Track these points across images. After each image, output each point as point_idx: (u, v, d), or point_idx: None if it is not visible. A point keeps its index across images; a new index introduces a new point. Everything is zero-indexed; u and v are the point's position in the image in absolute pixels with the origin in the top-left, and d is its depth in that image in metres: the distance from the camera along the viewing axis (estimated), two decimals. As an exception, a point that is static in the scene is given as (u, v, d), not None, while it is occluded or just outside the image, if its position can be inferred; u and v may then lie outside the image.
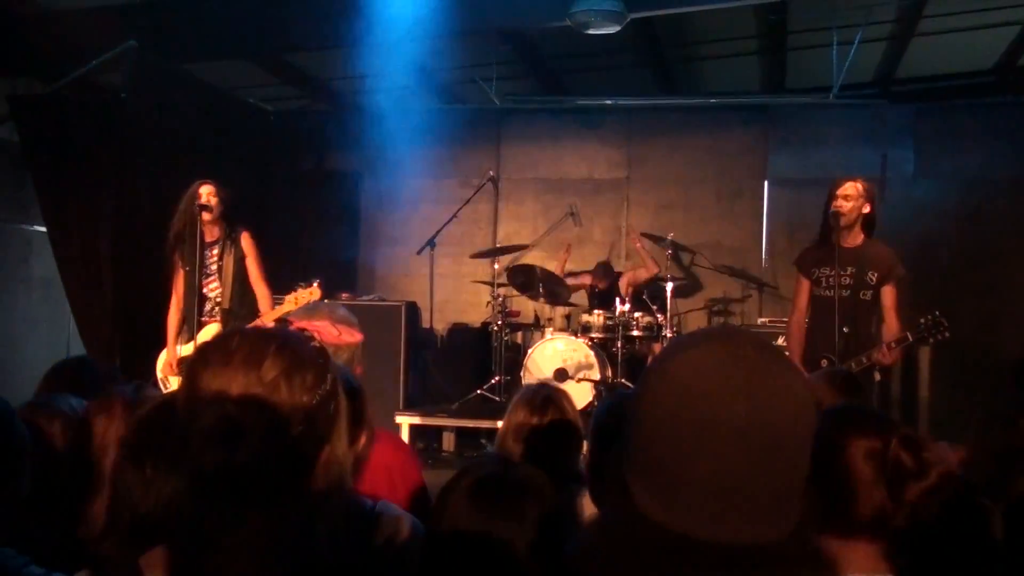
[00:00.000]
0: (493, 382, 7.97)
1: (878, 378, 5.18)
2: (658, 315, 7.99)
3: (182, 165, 7.99)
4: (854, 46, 7.76)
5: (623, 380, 7.70)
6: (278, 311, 5.45)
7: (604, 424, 2.34)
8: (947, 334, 4.80)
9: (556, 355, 7.84)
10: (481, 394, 7.96)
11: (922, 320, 4.82)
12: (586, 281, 8.91)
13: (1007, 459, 2.25)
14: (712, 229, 9.54)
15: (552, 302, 8.57)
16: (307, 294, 5.38)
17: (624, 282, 8.78)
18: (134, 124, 7.60)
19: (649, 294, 8.45)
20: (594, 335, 8.04)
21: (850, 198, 4.94)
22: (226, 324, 5.73)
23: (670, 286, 7.87)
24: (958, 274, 8.62)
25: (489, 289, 8.34)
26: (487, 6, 7.64)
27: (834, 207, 4.94)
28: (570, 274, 9.11)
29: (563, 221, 9.81)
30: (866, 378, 4.94)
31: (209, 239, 5.85)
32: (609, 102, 9.61)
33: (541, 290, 8.32)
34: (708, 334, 1.18)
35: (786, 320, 6.08)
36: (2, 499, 1.90)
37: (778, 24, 7.85)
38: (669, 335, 7.81)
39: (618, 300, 8.04)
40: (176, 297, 5.92)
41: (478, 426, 7.74)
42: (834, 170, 8.96)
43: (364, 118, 10.40)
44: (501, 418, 3.07)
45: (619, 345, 7.86)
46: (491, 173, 9.19)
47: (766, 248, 9.43)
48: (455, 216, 8.83)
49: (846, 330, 4.85)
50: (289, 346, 1.27)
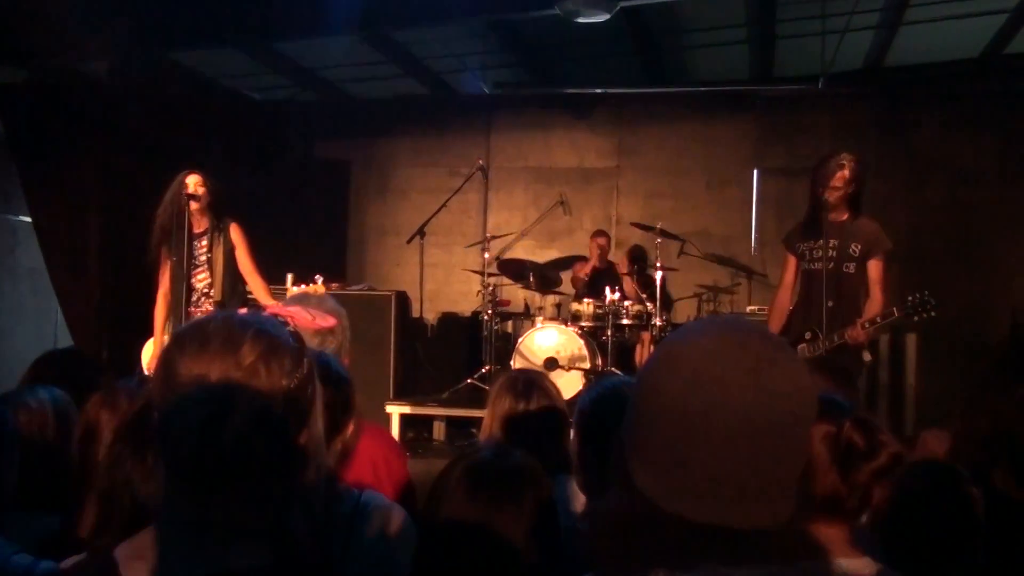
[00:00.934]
0: (483, 371, 7.97)
1: (868, 358, 5.16)
2: (648, 304, 8.01)
3: (168, 154, 7.95)
4: (843, 35, 7.76)
5: (613, 368, 7.71)
6: (269, 300, 5.45)
7: (590, 413, 2.34)
8: (934, 313, 4.75)
9: (546, 344, 7.84)
10: (472, 383, 7.96)
11: (910, 297, 4.79)
12: (586, 270, 8.87)
13: (991, 444, 2.26)
14: (701, 217, 9.56)
15: (543, 289, 8.57)
16: (311, 291, 5.38)
17: (626, 282, 8.75)
18: (120, 113, 7.57)
19: (639, 283, 8.45)
20: (584, 324, 8.05)
21: (839, 189, 4.89)
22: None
23: (659, 275, 7.88)
24: (944, 261, 8.66)
25: (479, 278, 8.33)
26: (476, -6, 7.61)
27: (825, 196, 4.89)
28: (564, 260, 9.08)
29: (553, 210, 9.80)
30: (855, 359, 4.94)
31: (197, 230, 5.80)
32: (599, 91, 9.60)
33: (531, 279, 8.33)
34: (716, 323, 1.21)
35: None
36: None
37: (767, 12, 7.84)
38: (659, 324, 7.81)
39: (608, 289, 8.04)
40: (162, 289, 5.85)
41: (469, 415, 7.73)
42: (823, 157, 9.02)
43: (353, 107, 10.39)
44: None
45: (609, 334, 7.87)
46: (481, 162, 9.17)
47: (755, 236, 9.45)
48: (444, 205, 8.82)
49: (830, 303, 4.83)
50: (266, 331, 1.27)
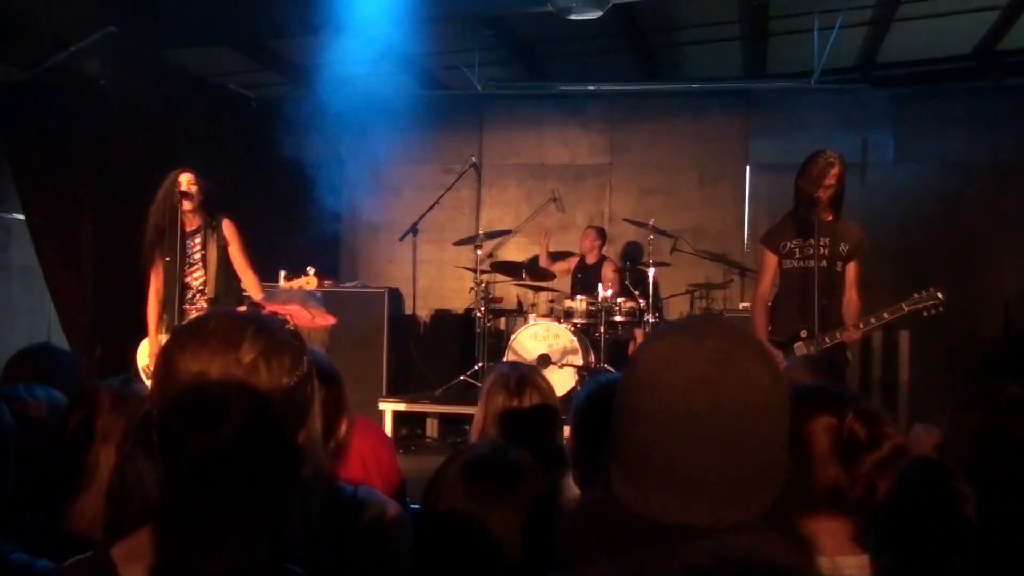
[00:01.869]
0: (476, 368, 7.97)
1: (849, 357, 5.21)
2: (640, 300, 8.02)
3: (162, 152, 7.93)
4: (835, 31, 7.78)
5: (606, 365, 7.72)
6: (259, 295, 5.44)
7: (584, 410, 2.34)
8: (941, 309, 4.78)
9: (539, 341, 7.86)
10: (464, 380, 7.97)
11: (917, 294, 4.81)
12: (571, 264, 8.89)
13: (983, 440, 2.27)
14: (694, 214, 9.57)
15: (536, 278, 8.57)
16: (303, 283, 5.37)
17: (607, 270, 8.75)
18: (113, 111, 7.55)
19: (632, 280, 8.47)
20: (577, 320, 8.06)
21: (832, 187, 4.87)
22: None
23: (652, 271, 7.89)
24: (938, 257, 8.67)
25: (472, 275, 8.34)
26: (469, -9, 7.61)
27: (818, 194, 4.83)
28: (556, 255, 9.12)
29: (546, 207, 9.81)
30: (843, 356, 4.97)
31: (190, 228, 5.80)
32: (592, 88, 9.61)
33: (524, 275, 8.36)
34: (677, 326, 1.23)
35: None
36: None
37: (760, 9, 7.85)
38: (651, 320, 7.83)
39: (600, 286, 8.05)
40: (154, 287, 5.84)
41: (462, 412, 7.74)
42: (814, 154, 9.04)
43: (345, 104, 10.36)
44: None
45: (602, 330, 7.88)
46: (473, 159, 9.18)
47: (748, 233, 9.46)
48: (437, 202, 8.83)
49: (824, 302, 4.82)
50: (266, 329, 1.27)
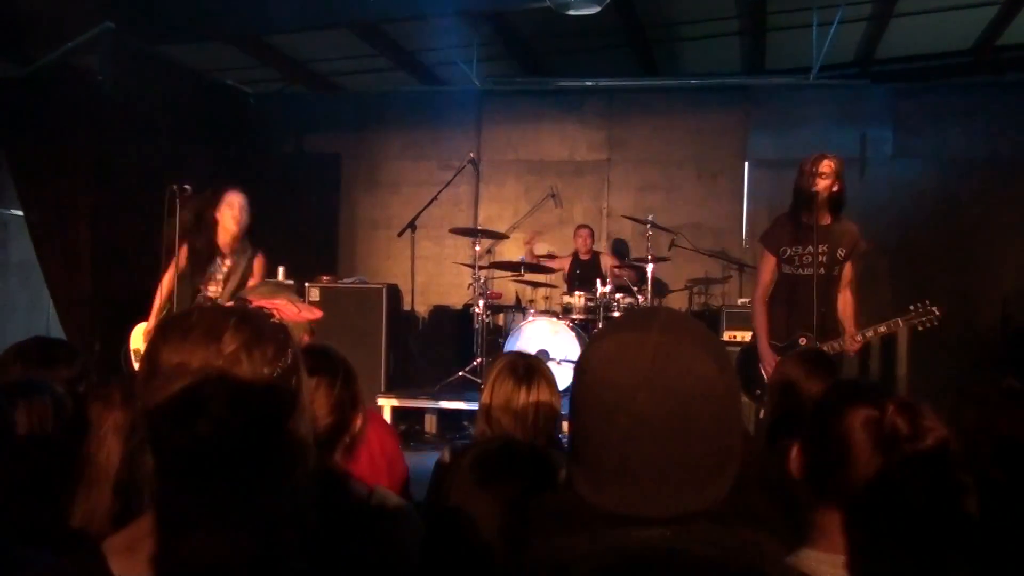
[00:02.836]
0: (475, 364, 7.98)
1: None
2: (639, 296, 8.02)
3: (160, 148, 7.95)
4: (834, 26, 7.78)
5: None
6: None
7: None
8: (936, 323, 4.78)
9: (537, 337, 7.86)
10: (463, 376, 7.97)
11: (912, 307, 4.80)
12: (564, 265, 8.91)
13: (979, 435, 2.27)
14: (693, 210, 9.57)
15: (534, 272, 8.59)
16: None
17: (606, 262, 8.77)
18: (111, 107, 7.55)
19: (631, 271, 8.47)
20: (575, 316, 8.06)
21: (827, 176, 4.82)
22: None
23: (651, 267, 7.88)
24: (936, 252, 8.69)
25: (470, 271, 8.34)
26: (467, -13, 7.60)
27: (815, 187, 4.80)
28: (548, 257, 9.13)
29: (544, 203, 9.81)
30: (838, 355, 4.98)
31: (223, 245, 5.78)
32: (590, 83, 9.60)
33: (522, 272, 8.37)
34: (621, 323, 1.25)
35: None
36: None
37: (758, 4, 7.85)
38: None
39: (599, 281, 8.05)
40: (171, 275, 5.69)
41: (460, 408, 7.74)
42: (814, 150, 9.01)
43: (344, 100, 10.37)
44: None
45: (600, 326, 7.87)
46: (471, 155, 9.17)
47: (746, 229, 9.46)
48: (435, 198, 8.81)
49: (822, 309, 4.81)
50: (249, 320, 1.26)
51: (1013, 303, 8.46)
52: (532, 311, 8.34)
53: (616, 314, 7.95)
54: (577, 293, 8.18)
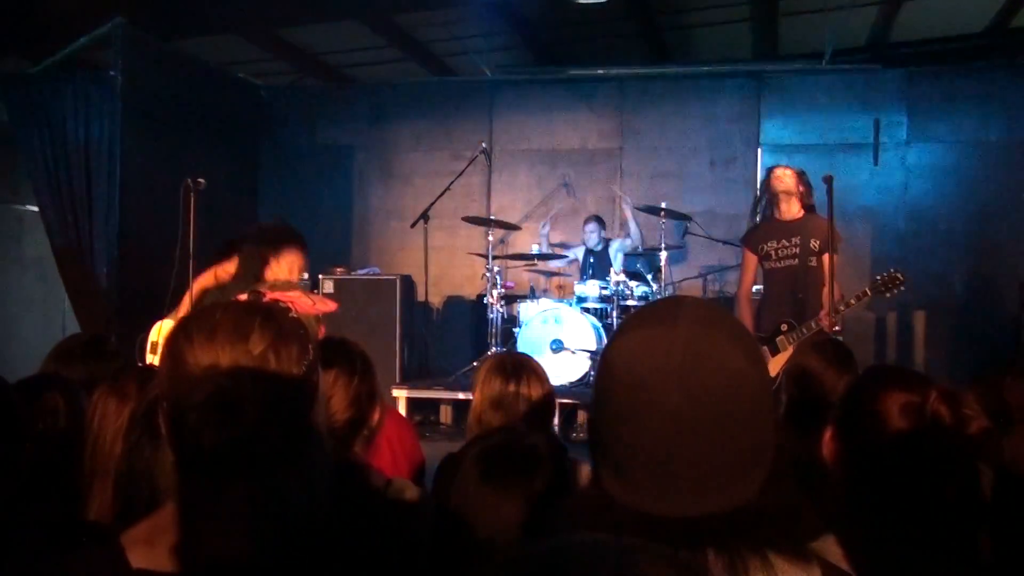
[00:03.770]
0: (489, 354, 7.97)
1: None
2: (652, 284, 8.00)
3: (172, 142, 7.97)
4: (846, 11, 7.73)
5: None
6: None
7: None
8: (903, 288, 5.10)
9: (551, 326, 7.85)
10: (477, 366, 7.96)
11: (878, 276, 5.15)
12: (578, 253, 8.90)
13: (997, 419, 2.26)
14: (706, 197, 9.53)
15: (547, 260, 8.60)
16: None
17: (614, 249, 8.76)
18: (123, 102, 7.56)
19: (643, 263, 8.45)
20: (589, 305, 8.05)
21: (784, 178, 5.49)
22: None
23: (664, 255, 7.85)
24: (952, 237, 8.64)
25: (484, 261, 8.34)
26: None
27: (772, 184, 5.54)
28: (560, 246, 9.13)
29: (556, 192, 9.79)
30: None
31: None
32: (601, 72, 9.57)
33: (536, 261, 8.37)
34: (645, 315, 1.20)
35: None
36: (5, 481, 1.91)
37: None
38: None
39: (612, 270, 8.04)
40: (208, 281, 5.60)
41: (475, 398, 7.74)
42: (827, 136, 9.00)
43: (356, 92, 10.37)
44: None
45: (614, 315, 7.86)
46: (483, 145, 9.15)
47: (760, 216, 9.41)
48: (448, 189, 8.80)
49: (800, 296, 5.28)
50: (273, 319, 1.27)
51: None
52: (546, 301, 8.33)
53: (630, 303, 7.93)
54: (591, 282, 8.16)
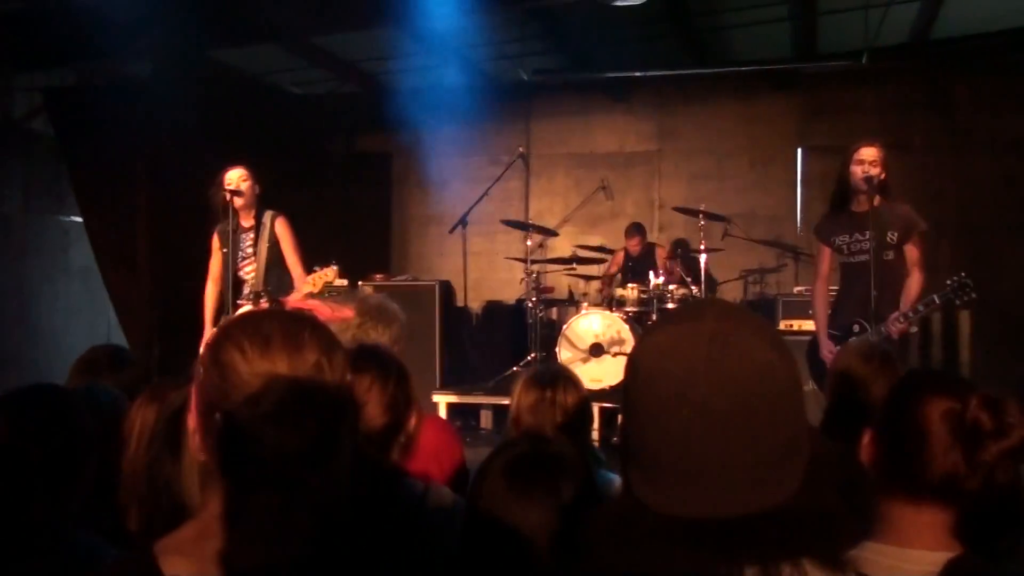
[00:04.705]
0: (529, 359, 7.96)
1: (914, 329, 5.13)
2: (693, 287, 7.95)
3: (212, 151, 8.04)
4: (886, 8, 7.63)
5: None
6: (298, 293, 5.48)
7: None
8: (974, 295, 4.76)
9: (591, 330, 7.82)
10: (517, 371, 7.96)
11: (948, 281, 4.79)
12: (619, 260, 8.87)
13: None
14: (746, 198, 9.47)
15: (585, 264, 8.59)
16: (323, 275, 5.39)
17: (659, 254, 8.73)
18: (163, 112, 7.65)
19: (683, 266, 8.40)
20: (628, 309, 8.01)
21: (876, 163, 4.90)
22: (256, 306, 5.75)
23: (704, 257, 7.80)
24: (997, 237, 8.50)
25: (523, 266, 8.33)
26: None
27: (864, 173, 4.88)
28: (600, 250, 9.10)
29: (595, 195, 9.77)
30: (892, 344, 4.91)
31: (245, 223, 5.88)
32: (638, 74, 9.53)
33: (574, 265, 8.36)
34: (673, 314, 1.20)
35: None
36: (76, 489, 1.94)
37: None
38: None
39: (652, 273, 7.99)
40: (212, 279, 5.95)
41: (515, 403, 7.73)
42: (869, 135, 8.87)
43: (393, 99, 10.42)
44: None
45: (654, 318, 7.82)
46: (521, 150, 9.16)
47: (801, 216, 9.34)
48: (486, 194, 8.82)
49: (875, 293, 4.85)
50: (320, 327, 1.28)
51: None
52: (585, 304, 8.31)
53: (670, 306, 7.89)
54: (630, 285, 8.12)
